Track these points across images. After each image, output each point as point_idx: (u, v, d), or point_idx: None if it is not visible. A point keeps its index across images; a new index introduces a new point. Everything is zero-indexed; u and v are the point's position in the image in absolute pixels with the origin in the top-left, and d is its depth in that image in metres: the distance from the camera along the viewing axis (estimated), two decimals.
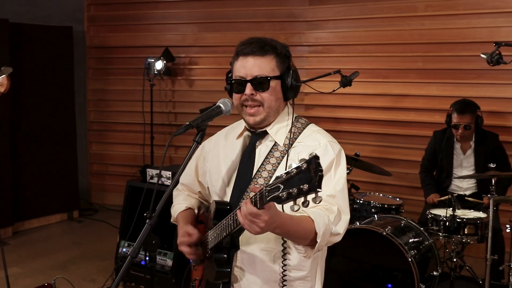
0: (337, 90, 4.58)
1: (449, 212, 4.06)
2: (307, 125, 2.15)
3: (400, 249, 3.77)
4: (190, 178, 2.39)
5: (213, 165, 2.27)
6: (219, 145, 2.29)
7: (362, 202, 4.49)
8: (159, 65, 6.40)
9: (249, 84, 2.05)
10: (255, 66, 2.05)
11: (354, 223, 4.17)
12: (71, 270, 4.92)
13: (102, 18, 7.19)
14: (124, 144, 7.15)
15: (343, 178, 2.03)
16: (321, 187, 1.52)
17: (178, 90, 6.88)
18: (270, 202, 1.65)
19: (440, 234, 4.11)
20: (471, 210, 4.30)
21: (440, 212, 4.18)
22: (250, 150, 2.15)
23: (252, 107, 2.07)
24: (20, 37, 5.99)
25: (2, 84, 3.34)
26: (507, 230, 4.04)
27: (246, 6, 6.45)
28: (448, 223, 4.05)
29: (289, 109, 2.16)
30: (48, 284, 3.71)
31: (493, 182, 3.84)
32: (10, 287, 3.75)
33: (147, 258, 4.07)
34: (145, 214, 1.85)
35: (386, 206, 4.44)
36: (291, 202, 1.58)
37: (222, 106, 2.04)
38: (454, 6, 5.52)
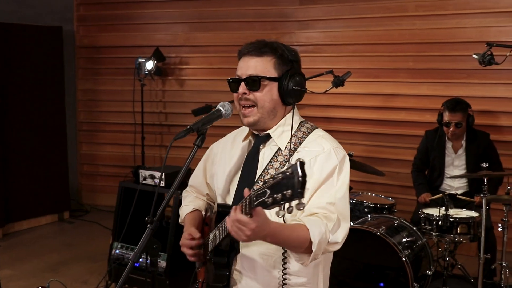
0: (329, 90, 4.60)
1: (441, 211, 4.09)
2: (313, 129, 2.13)
3: (394, 248, 3.79)
4: (198, 180, 2.39)
5: (219, 167, 2.27)
6: (226, 147, 2.29)
7: (355, 202, 4.50)
8: (150, 65, 6.38)
9: (242, 83, 2.06)
10: (251, 66, 2.05)
11: None
12: (63, 272, 4.89)
13: (91, 18, 7.15)
14: (114, 144, 7.12)
15: (345, 185, 2.01)
16: (303, 194, 1.51)
17: (169, 90, 6.86)
18: (258, 209, 1.65)
19: (433, 233, 4.13)
20: (463, 209, 4.33)
21: (432, 211, 4.21)
22: (254, 153, 2.14)
23: (246, 108, 2.07)
24: (9, 37, 5.93)
25: None
26: (499, 229, 4.07)
27: (237, 6, 6.45)
28: (440, 222, 4.07)
29: (291, 113, 2.11)
30: (42, 287, 3.69)
31: (485, 181, 3.88)
32: None
33: (148, 262, 4.05)
34: (146, 219, 1.84)
35: (378, 205, 4.46)
36: (277, 208, 1.57)
37: (222, 109, 2.04)
38: (444, 6, 5.56)
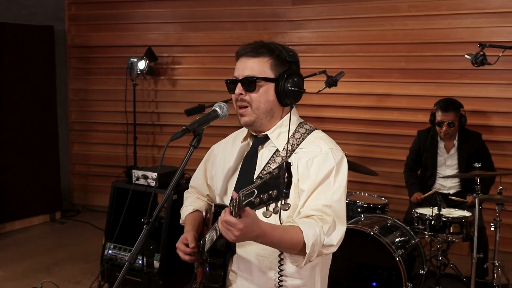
0: (322, 90, 4.61)
1: (434, 211, 4.11)
2: (312, 131, 2.13)
3: (387, 248, 3.80)
4: (199, 181, 2.39)
5: (219, 168, 2.26)
6: (227, 148, 2.28)
7: (348, 202, 4.51)
8: (142, 64, 6.36)
9: (239, 84, 2.06)
10: (247, 67, 2.05)
11: None
12: (55, 272, 4.87)
13: (83, 17, 7.11)
14: (106, 144, 7.09)
15: (342, 187, 2.00)
16: (288, 195, 1.50)
17: (161, 90, 6.85)
18: (247, 210, 1.65)
19: (425, 233, 4.15)
20: (456, 209, 4.35)
21: (425, 211, 4.22)
22: (252, 154, 2.14)
23: (242, 108, 2.07)
24: (0, 36, 5.90)
25: None
26: (491, 229, 4.10)
27: (229, 6, 6.44)
28: (433, 222, 4.09)
29: (291, 114, 2.10)
30: None
31: (477, 181, 3.90)
32: None
33: (142, 263, 4.05)
34: (142, 220, 1.83)
35: (372, 205, 4.47)
36: (264, 208, 1.57)
37: (218, 110, 2.03)
38: (436, 7, 5.58)
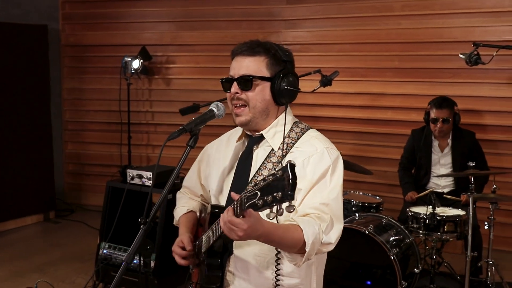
0: (317, 89, 4.61)
1: (428, 210, 4.12)
2: (307, 130, 2.14)
3: (382, 247, 3.82)
4: (192, 181, 2.39)
5: (213, 168, 2.26)
6: (221, 148, 2.29)
7: (342, 200, 4.51)
8: (136, 63, 6.35)
9: (235, 82, 2.06)
10: (243, 66, 2.06)
11: None
12: (50, 272, 4.86)
13: (77, 16, 7.09)
14: (100, 143, 7.08)
15: (339, 186, 2.02)
16: (293, 196, 1.52)
17: (155, 89, 6.84)
18: (250, 210, 1.66)
19: (420, 231, 4.16)
20: (450, 208, 4.37)
21: (420, 210, 4.24)
22: (247, 154, 2.14)
23: (238, 107, 2.07)
24: None
25: None
26: (485, 227, 4.12)
27: (224, 5, 6.44)
28: (428, 221, 4.11)
29: (284, 113, 2.12)
30: None
31: (471, 180, 3.91)
32: None
33: (137, 263, 4.05)
34: (139, 219, 1.84)
35: (366, 204, 4.48)
36: (267, 210, 1.58)
37: (215, 110, 2.04)
38: (430, 6, 5.60)
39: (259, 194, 1.58)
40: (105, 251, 4.40)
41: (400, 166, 5.06)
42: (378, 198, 4.73)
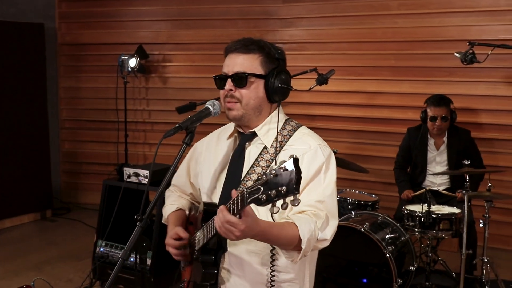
0: (313, 88, 4.63)
1: (424, 208, 4.14)
2: (298, 127, 2.15)
3: (377, 245, 3.83)
4: (182, 179, 2.39)
5: (204, 166, 2.27)
6: (211, 146, 2.29)
7: (338, 199, 4.54)
8: (133, 62, 6.36)
9: (229, 80, 2.06)
10: (237, 63, 2.06)
11: None
12: (47, 270, 4.86)
13: (74, 15, 7.09)
14: (97, 142, 7.08)
15: (333, 182, 2.03)
16: (298, 190, 1.53)
17: (152, 88, 6.85)
18: (247, 209, 1.67)
19: (415, 229, 4.18)
20: (445, 206, 4.39)
21: (415, 208, 4.26)
22: (239, 151, 2.15)
23: (231, 103, 2.08)
24: None
25: None
26: (480, 225, 4.14)
27: (220, 4, 6.45)
28: (423, 219, 4.13)
29: (276, 111, 2.14)
30: (27, 286, 3.66)
31: (467, 178, 3.93)
32: None
33: (134, 260, 4.05)
34: (136, 216, 1.84)
35: (362, 202, 4.50)
36: (270, 205, 1.59)
37: (210, 107, 2.05)
38: (426, 5, 5.63)
39: (262, 189, 1.58)
40: (102, 249, 4.40)
41: (395, 165, 5.07)
42: (374, 196, 4.75)
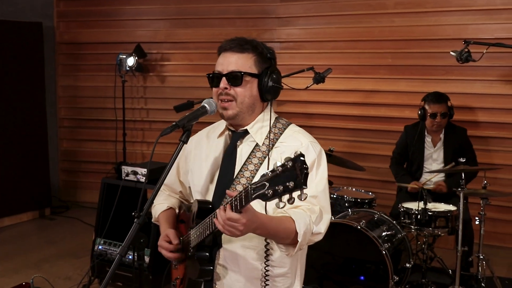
0: (310, 86, 4.66)
1: (420, 205, 4.17)
2: (288, 125, 2.20)
3: (374, 242, 3.85)
4: (171, 178, 2.39)
5: (195, 164, 2.29)
6: (201, 144, 2.31)
7: (335, 196, 4.57)
8: (131, 61, 6.38)
9: (224, 78, 2.10)
10: (232, 62, 2.10)
11: None
12: (46, 268, 4.89)
13: (72, 14, 7.12)
14: (95, 141, 7.11)
15: (325, 178, 2.09)
16: (306, 185, 1.57)
17: (150, 87, 6.87)
18: (248, 204, 1.71)
19: (412, 227, 4.20)
20: (441, 203, 4.42)
21: (412, 205, 4.28)
22: (231, 149, 2.18)
23: (226, 102, 2.10)
24: None
25: None
26: (476, 222, 4.17)
27: (218, 3, 6.47)
28: (419, 216, 4.15)
29: (268, 109, 2.18)
30: (26, 283, 3.70)
31: (462, 175, 3.96)
32: None
33: (131, 258, 4.08)
34: (133, 213, 1.87)
35: (359, 200, 4.53)
36: (277, 199, 1.63)
37: (207, 106, 2.07)
38: (423, 4, 5.66)
39: (268, 184, 1.62)
40: (100, 247, 4.43)
41: (392, 161, 5.09)
42: (371, 194, 4.78)
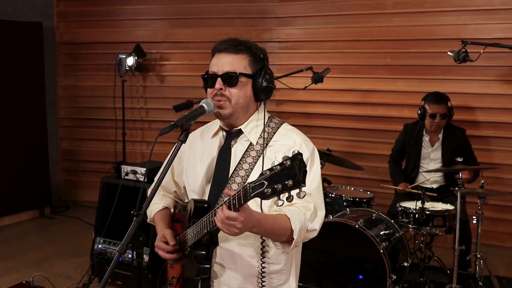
0: (309, 86, 4.68)
1: (418, 204, 4.18)
2: (281, 124, 2.22)
3: (372, 241, 3.87)
4: (166, 178, 2.40)
5: (189, 164, 2.32)
6: (195, 144, 2.33)
7: (334, 196, 4.59)
8: (130, 61, 6.41)
9: (219, 79, 2.12)
10: (227, 63, 2.12)
11: (327, 217, 4.25)
12: (46, 267, 4.91)
13: (72, 14, 7.14)
14: (95, 140, 7.13)
15: (318, 176, 2.12)
16: (305, 183, 1.61)
17: (150, 86, 6.89)
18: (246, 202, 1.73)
19: (410, 226, 4.22)
20: (439, 202, 4.44)
21: (409, 204, 4.30)
22: (226, 149, 2.21)
23: (221, 101, 2.13)
24: None
25: None
26: (474, 222, 4.18)
27: (217, 2, 6.49)
28: (417, 215, 4.17)
29: (262, 109, 2.21)
30: (26, 281, 3.72)
31: (460, 175, 3.98)
32: None
33: (130, 256, 4.10)
34: (132, 212, 1.90)
35: (357, 199, 4.55)
36: (275, 198, 1.66)
37: (205, 106, 2.10)
38: (421, 4, 5.68)
39: (266, 183, 1.65)
40: (100, 246, 4.45)
41: (390, 158, 5.11)
42: (369, 193, 4.80)
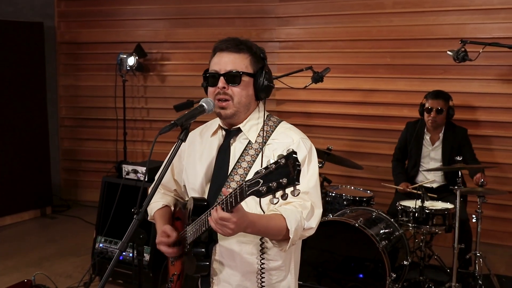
0: (309, 85, 4.70)
1: (418, 203, 4.20)
2: (279, 122, 2.25)
3: (371, 239, 3.88)
4: (166, 177, 2.42)
5: (189, 163, 2.34)
6: (195, 143, 2.36)
7: (334, 195, 4.60)
8: (131, 60, 6.42)
9: (222, 77, 2.14)
10: (229, 62, 2.15)
11: (327, 216, 4.27)
12: (47, 266, 4.92)
13: (73, 14, 7.15)
14: (96, 140, 7.14)
15: (315, 174, 2.13)
16: (299, 181, 1.63)
17: (150, 86, 6.91)
18: (239, 204, 1.76)
19: (409, 224, 4.23)
20: (439, 201, 4.45)
21: (409, 203, 4.31)
22: (225, 147, 2.23)
23: (223, 101, 2.15)
24: None
25: None
26: (473, 220, 4.20)
27: (218, 2, 6.50)
28: (417, 214, 4.18)
29: (262, 107, 2.24)
30: (27, 280, 3.74)
31: (459, 174, 4.00)
32: None
33: (134, 252, 4.11)
34: (132, 210, 1.91)
35: (357, 198, 4.56)
36: (270, 196, 1.68)
37: (205, 105, 2.11)
38: (421, 4, 5.69)
39: (262, 181, 1.67)
40: (101, 245, 4.47)
41: (393, 157, 5.13)
42: (369, 192, 4.81)
